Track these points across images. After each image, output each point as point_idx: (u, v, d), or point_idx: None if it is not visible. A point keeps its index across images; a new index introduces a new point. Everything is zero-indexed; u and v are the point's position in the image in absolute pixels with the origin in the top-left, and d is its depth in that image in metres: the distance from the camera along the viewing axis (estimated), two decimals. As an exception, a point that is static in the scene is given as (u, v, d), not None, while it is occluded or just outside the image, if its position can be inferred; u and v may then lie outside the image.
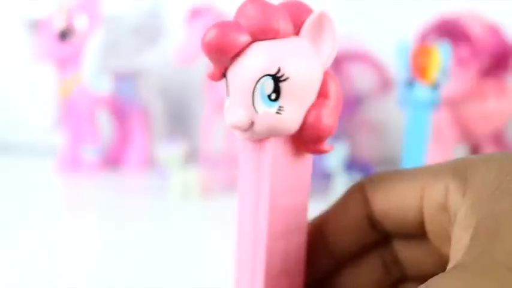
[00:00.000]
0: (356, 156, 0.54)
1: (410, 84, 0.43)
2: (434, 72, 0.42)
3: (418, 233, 0.18)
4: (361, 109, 0.59)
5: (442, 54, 0.42)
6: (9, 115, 0.68)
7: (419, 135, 0.44)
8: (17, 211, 0.46)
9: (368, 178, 0.19)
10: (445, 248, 0.17)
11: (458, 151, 0.57)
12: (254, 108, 0.16)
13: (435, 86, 0.43)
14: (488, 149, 0.54)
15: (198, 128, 0.57)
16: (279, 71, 0.16)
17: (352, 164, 0.50)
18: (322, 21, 0.16)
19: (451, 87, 0.48)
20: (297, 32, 0.17)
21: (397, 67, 0.44)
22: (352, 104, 0.57)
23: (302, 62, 0.16)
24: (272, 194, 0.17)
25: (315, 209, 0.20)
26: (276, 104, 0.16)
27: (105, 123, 0.63)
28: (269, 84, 0.16)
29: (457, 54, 0.48)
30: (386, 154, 0.59)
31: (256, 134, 0.17)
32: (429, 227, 0.17)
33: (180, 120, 0.67)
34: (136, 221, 0.45)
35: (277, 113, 0.16)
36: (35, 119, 0.61)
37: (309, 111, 0.16)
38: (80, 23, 0.55)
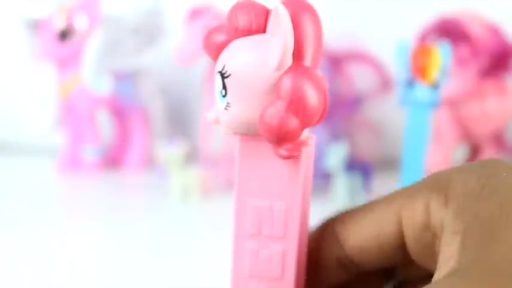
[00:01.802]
0: (356, 156, 0.54)
1: (410, 84, 0.43)
2: (434, 72, 0.42)
3: (400, 257, 0.17)
4: (361, 109, 0.59)
5: (442, 54, 0.42)
6: (9, 115, 0.68)
7: (419, 135, 0.44)
8: (17, 211, 0.46)
9: (337, 217, 0.18)
10: (432, 265, 0.16)
11: (458, 151, 0.57)
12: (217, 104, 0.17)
13: (435, 86, 0.43)
14: (488, 149, 0.54)
15: (198, 128, 0.57)
16: (223, 67, 0.16)
17: (352, 164, 0.50)
18: (274, 17, 0.15)
19: (451, 87, 0.48)
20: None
21: (397, 67, 0.44)
22: (352, 104, 0.57)
23: (243, 58, 0.16)
24: (239, 193, 0.17)
25: (315, 209, 0.20)
26: (225, 100, 0.16)
27: (105, 123, 0.63)
28: (219, 81, 0.16)
29: (457, 54, 0.48)
30: (386, 154, 0.59)
31: (223, 130, 0.17)
32: (413, 249, 0.16)
33: (180, 120, 0.67)
34: (136, 221, 0.45)
35: (225, 109, 0.16)
36: (35, 119, 0.61)
37: (262, 110, 0.16)
38: (80, 23, 0.55)
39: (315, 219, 0.20)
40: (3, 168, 0.61)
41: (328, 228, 0.18)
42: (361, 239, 0.17)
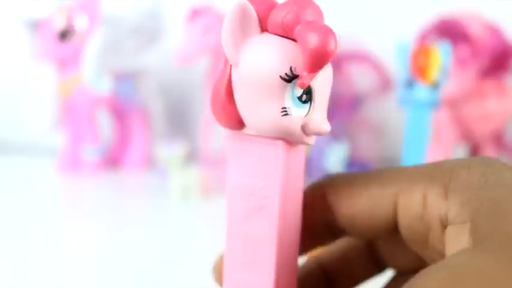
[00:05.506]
0: (356, 156, 0.54)
1: (410, 84, 0.43)
2: (434, 72, 0.42)
3: (391, 236, 0.17)
4: (361, 109, 0.59)
5: (442, 54, 0.42)
6: (9, 115, 0.68)
7: (419, 135, 0.44)
8: (17, 211, 0.46)
9: (329, 180, 0.18)
10: (425, 252, 0.16)
11: (458, 151, 0.57)
12: None
13: (435, 86, 0.43)
14: (488, 149, 0.54)
15: (198, 128, 0.57)
16: None
17: (352, 164, 0.50)
18: None
19: (451, 87, 0.48)
20: None
21: (397, 67, 0.44)
22: (352, 104, 0.57)
23: None
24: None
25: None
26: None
27: (105, 123, 0.63)
28: None
29: (457, 54, 0.48)
30: (387, 154, 0.59)
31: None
32: (406, 235, 0.16)
33: (180, 120, 0.67)
34: (136, 221, 0.45)
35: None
36: (35, 119, 0.61)
37: None
38: (80, 23, 0.55)
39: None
40: (3, 168, 0.61)
41: (319, 193, 0.18)
42: (354, 212, 0.17)
